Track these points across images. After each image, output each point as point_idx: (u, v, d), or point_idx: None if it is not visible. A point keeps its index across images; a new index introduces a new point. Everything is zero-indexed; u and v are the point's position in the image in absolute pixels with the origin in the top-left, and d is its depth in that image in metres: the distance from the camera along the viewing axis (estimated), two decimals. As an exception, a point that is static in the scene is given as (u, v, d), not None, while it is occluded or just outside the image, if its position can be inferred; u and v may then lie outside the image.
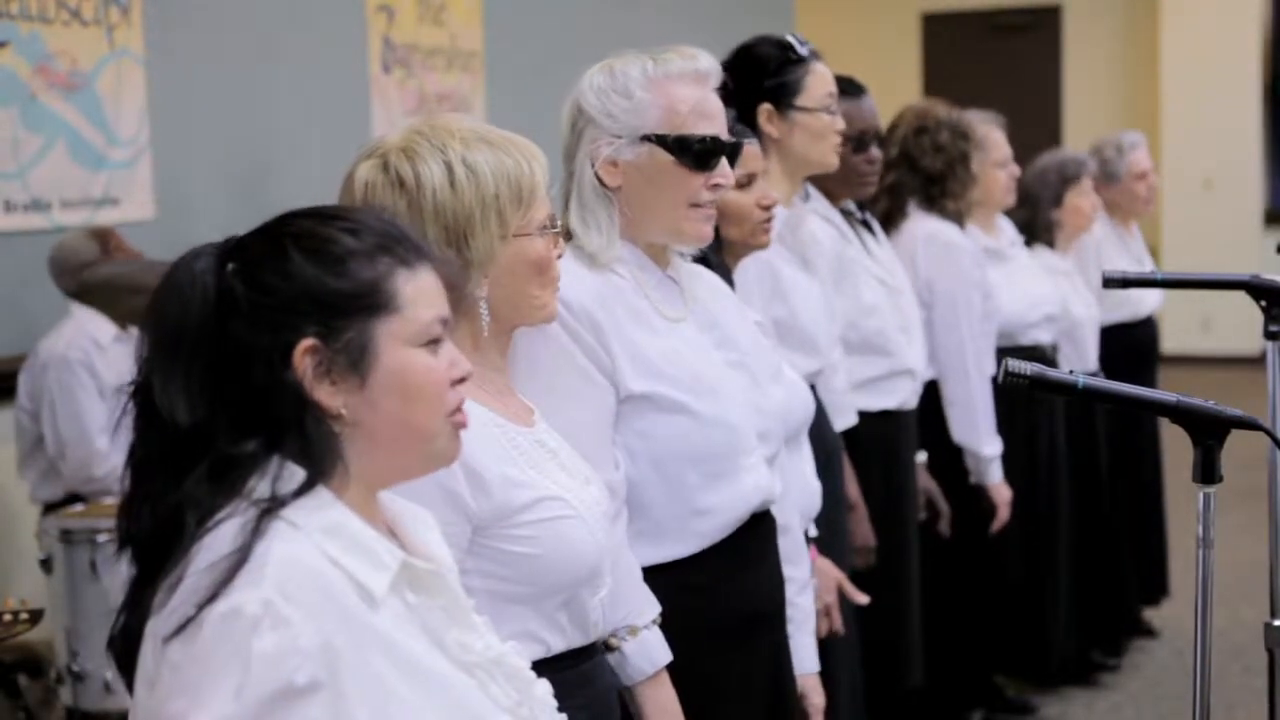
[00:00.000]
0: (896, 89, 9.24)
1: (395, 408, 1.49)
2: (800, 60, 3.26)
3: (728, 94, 2.45)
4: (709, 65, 2.38)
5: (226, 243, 1.51)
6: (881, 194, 4.23)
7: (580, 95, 2.34)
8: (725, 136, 2.38)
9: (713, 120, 2.36)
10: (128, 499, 1.48)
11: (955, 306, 4.27)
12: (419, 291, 1.52)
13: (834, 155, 3.32)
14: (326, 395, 1.47)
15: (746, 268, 2.98)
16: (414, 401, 1.50)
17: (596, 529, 1.99)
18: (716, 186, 2.36)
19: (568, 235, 2.34)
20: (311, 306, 1.47)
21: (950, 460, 4.32)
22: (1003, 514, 4.39)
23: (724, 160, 2.37)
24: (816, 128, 3.26)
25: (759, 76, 3.22)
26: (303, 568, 1.40)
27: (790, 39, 3.27)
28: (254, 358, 1.45)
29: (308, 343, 1.46)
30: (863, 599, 3.23)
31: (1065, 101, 12.43)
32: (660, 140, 2.31)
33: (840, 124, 3.31)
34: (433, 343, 1.52)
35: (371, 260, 1.50)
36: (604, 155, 2.31)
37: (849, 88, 3.69)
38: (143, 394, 1.48)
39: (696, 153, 2.32)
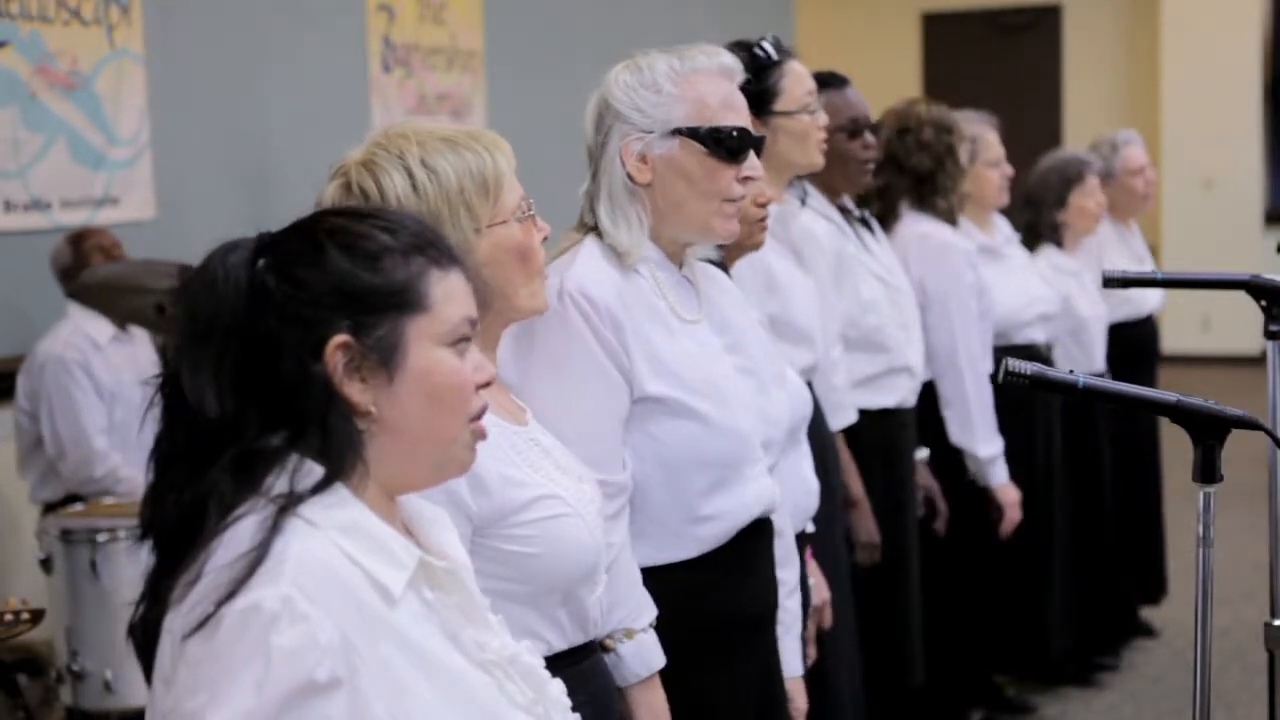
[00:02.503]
0: (896, 89, 9.20)
1: (421, 407, 1.49)
2: (774, 64, 3.23)
3: (745, 91, 2.45)
4: (733, 62, 2.39)
5: (260, 237, 1.51)
6: (872, 197, 4.24)
7: (607, 92, 2.35)
8: (753, 130, 2.39)
9: (740, 114, 2.37)
10: (152, 488, 1.48)
11: (948, 307, 4.27)
12: (450, 292, 1.52)
13: (819, 153, 3.30)
14: (356, 392, 1.47)
15: (741, 267, 2.98)
16: (439, 402, 1.50)
17: (594, 527, 1.99)
18: (747, 180, 2.37)
19: (596, 232, 2.34)
20: (345, 302, 1.47)
21: (949, 460, 4.32)
22: (1012, 515, 4.36)
23: (752, 154, 2.38)
24: (799, 130, 3.24)
25: None
26: (321, 565, 1.40)
27: (762, 43, 3.25)
28: (284, 351, 1.45)
29: (340, 338, 1.46)
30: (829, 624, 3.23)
31: (1065, 101, 12.43)
32: (692, 133, 2.32)
33: (823, 120, 3.29)
34: (460, 343, 1.53)
35: (406, 259, 1.50)
36: (634, 151, 2.32)
37: (831, 80, 3.70)
38: (171, 385, 1.48)
39: (729, 145, 2.33)
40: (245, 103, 5.83)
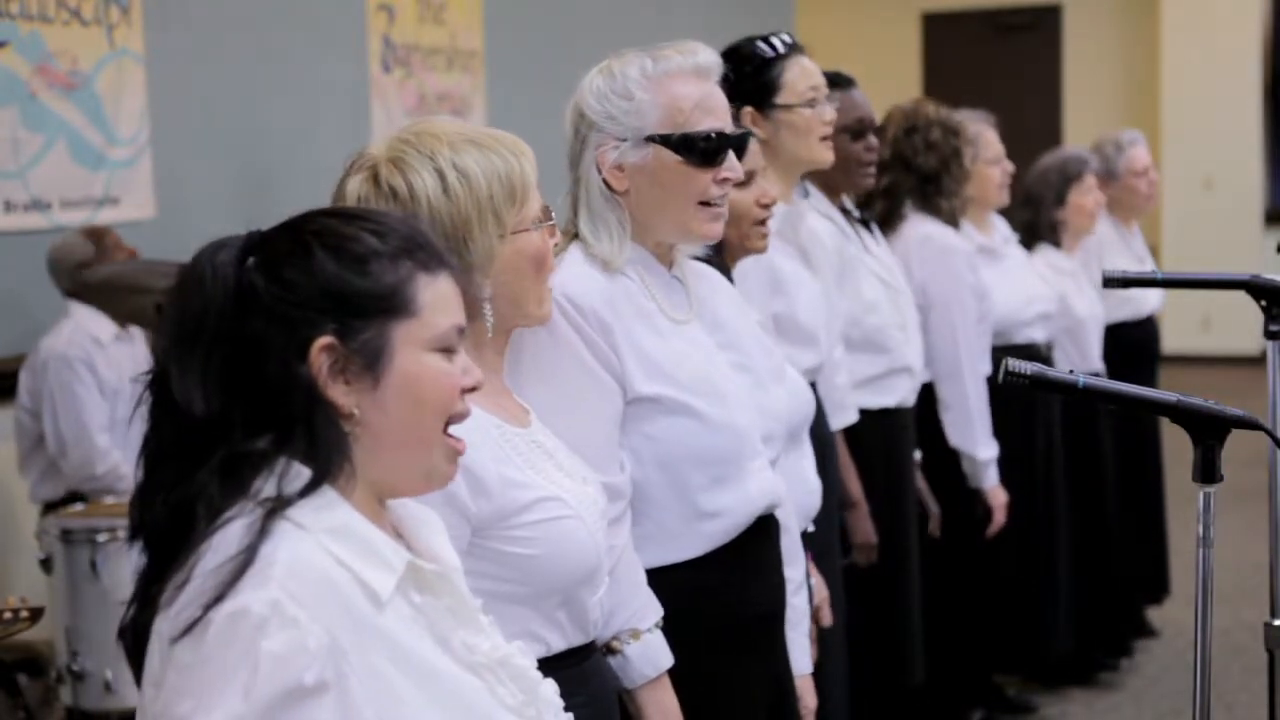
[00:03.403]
0: (896, 89, 9.22)
1: (405, 412, 1.49)
2: (777, 58, 3.21)
3: (729, 86, 2.42)
4: (709, 59, 2.36)
5: (249, 236, 1.51)
6: (877, 196, 4.23)
7: (581, 99, 2.32)
8: (730, 130, 2.35)
9: (716, 115, 2.34)
10: (141, 487, 1.48)
11: (949, 310, 4.27)
12: (438, 298, 1.52)
13: (825, 149, 3.28)
14: (340, 394, 1.47)
15: (745, 265, 2.97)
16: (423, 406, 1.50)
17: (595, 528, 1.99)
18: (725, 181, 2.34)
19: (579, 237, 2.33)
20: (331, 304, 1.47)
21: (948, 461, 4.32)
22: (998, 518, 4.39)
23: (731, 155, 2.35)
24: (800, 124, 3.23)
25: (736, 79, 3.17)
26: (309, 568, 1.40)
27: (766, 37, 3.23)
28: (270, 352, 1.45)
29: (324, 340, 1.46)
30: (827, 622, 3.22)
31: (1065, 101, 12.43)
32: (664, 140, 2.29)
33: (828, 115, 3.27)
34: (447, 350, 1.52)
35: (394, 263, 1.50)
36: (610, 160, 2.30)
37: (837, 80, 3.69)
38: (159, 383, 1.48)
39: (702, 150, 2.30)
40: (245, 103, 5.83)
